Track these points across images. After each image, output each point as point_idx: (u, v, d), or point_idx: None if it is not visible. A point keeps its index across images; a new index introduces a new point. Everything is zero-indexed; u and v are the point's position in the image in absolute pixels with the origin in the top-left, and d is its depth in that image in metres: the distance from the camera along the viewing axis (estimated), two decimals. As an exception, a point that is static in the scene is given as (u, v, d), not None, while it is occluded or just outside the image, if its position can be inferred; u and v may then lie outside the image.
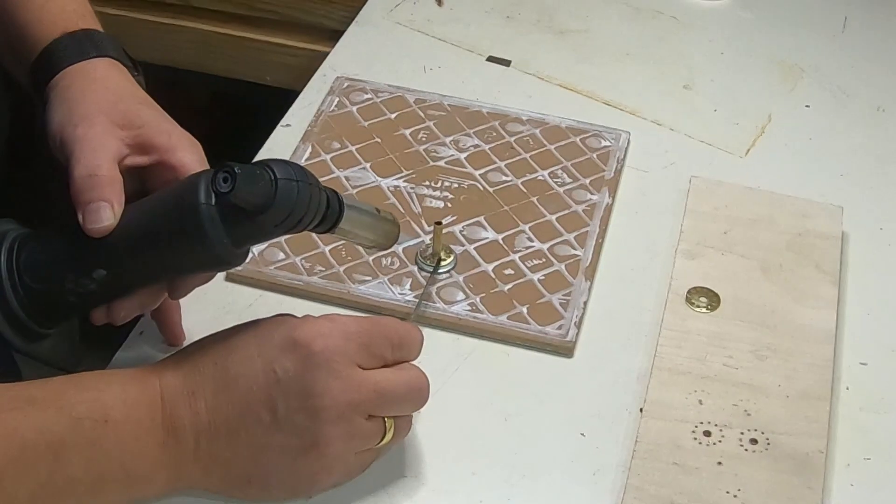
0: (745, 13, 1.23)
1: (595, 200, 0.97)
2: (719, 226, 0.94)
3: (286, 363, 0.68)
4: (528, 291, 0.89)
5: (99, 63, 0.81)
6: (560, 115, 1.06)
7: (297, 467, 0.70)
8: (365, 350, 0.70)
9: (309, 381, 0.68)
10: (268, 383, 0.68)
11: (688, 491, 0.75)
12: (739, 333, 0.85)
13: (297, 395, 0.68)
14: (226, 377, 0.69)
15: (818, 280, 0.90)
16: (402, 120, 1.05)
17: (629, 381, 0.84)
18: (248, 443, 0.69)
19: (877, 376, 0.86)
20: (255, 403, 0.68)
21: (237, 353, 0.70)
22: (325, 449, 0.69)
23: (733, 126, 1.08)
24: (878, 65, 1.16)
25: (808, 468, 0.77)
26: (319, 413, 0.68)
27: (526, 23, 1.19)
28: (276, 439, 0.69)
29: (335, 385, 0.68)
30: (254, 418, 0.68)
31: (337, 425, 0.69)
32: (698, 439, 0.78)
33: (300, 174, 0.69)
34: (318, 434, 0.69)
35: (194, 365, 0.70)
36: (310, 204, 0.70)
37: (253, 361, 0.69)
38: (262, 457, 0.69)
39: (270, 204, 0.67)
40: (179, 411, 0.68)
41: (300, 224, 0.70)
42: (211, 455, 0.69)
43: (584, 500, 0.76)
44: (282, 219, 0.69)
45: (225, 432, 0.69)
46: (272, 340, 0.69)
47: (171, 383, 0.69)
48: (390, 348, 0.71)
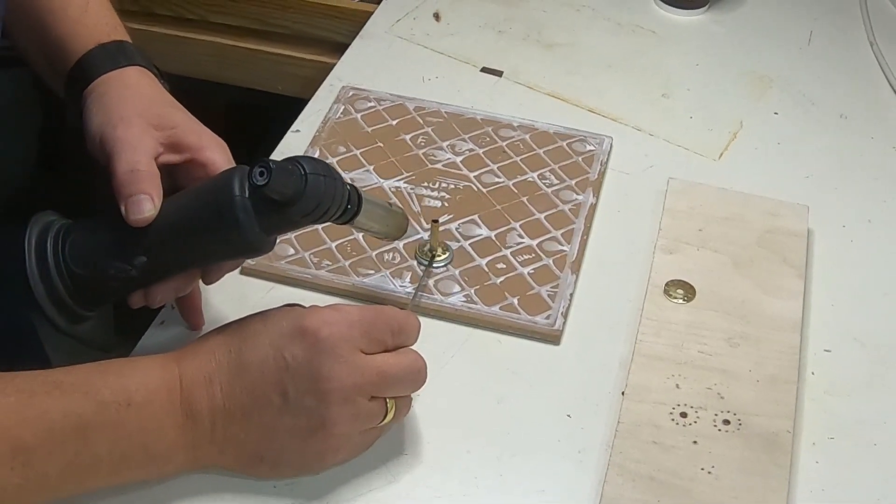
0: (718, 28, 1.23)
1: (580, 200, 0.97)
2: (695, 224, 0.93)
3: (295, 350, 0.68)
4: (518, 284, 0.89)
5: (131, 71, 0.82)
6: (548, 121, 1.06)
7: (305, 447, 0.70)
8: (367, 336, 0.70)
9: (316, 366, 0.68)
10: (278, 369, 0.68)
11: (666, 468, 0.75)
12: (713, 323, 0.85)
13: (305, 379, 0.68)
14: (240, 363, 0.69)
15: (786, 274, 0.89)
16: (403, 126, 1.04)
17: (612, 366, 0.84)
18: (260, 424, 0.69)
19: (840, 362, 0.85)
20: (266, 388, 0.68)
21: (249, 341, 0.70)
22: (332, 429, 0.69)
23: (708, 132, 1.07)
24: (841, 75, 1.16)
25: (776, 447, 0.76)
26: (326, 395, 0.68)
27: (517, 37, 1.19)
28: (286, 421, 0.69)
29: (341, 369, 0.68)
30: (266, 401, 0.68)
31: (343, 406, 0.69)
32: (675, 420, 0.78)
33: (326, 170, 0.70)
34: (325, 415, 0.69)
35: (211, 352, 0.70)
36: (335, 197, 0.71)
37: (264, 349, 0.69)
38: (273, 437, 0.69)
39: (301, 196, 0.69)
40: (197, 395, 0.68)
41: (325, 215, 0.71)
42: (226, 436, 0.69)
43: (571, 476, 0.76)
44: (310, 210, 0.70)
45: (240, 415, 0.69)
46: (282, 329, 0.69)
47: (190, 370, 0.69)
48: (390, 334, 0.71)
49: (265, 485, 0.74)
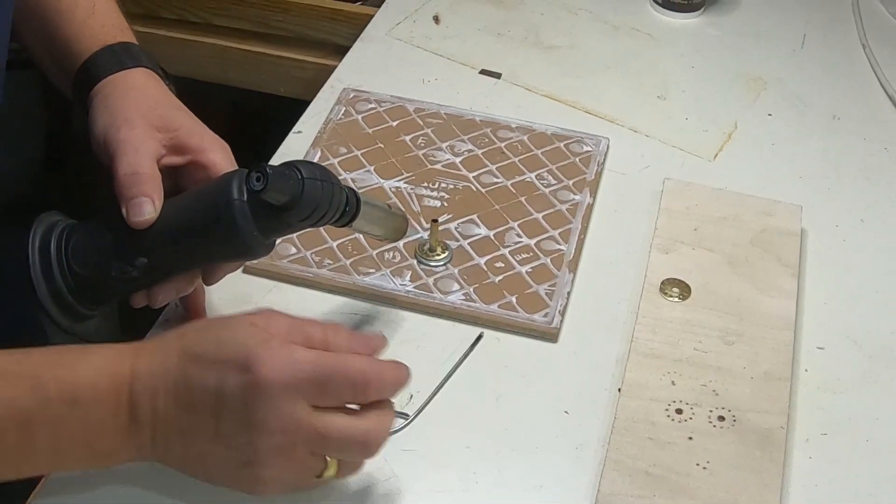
0: (713, 31, 1.23)
1: (577, 200, 0.97)
2: (690, 223, 0.93)
3: (233, 384, 0.63)
4: (516, 283, 0.89)
5: (136, 72, 0.81)
6: (546, 122, 1.05)
7: (238, 477, 0.66)
8: (318, 390, 0.64)
9: (251, 410, 0.63)
10: (217, 398, 0.64)
11: (662, 463, 0.75)
12: (708, 321, 0.85)
13: (238, 416, 0.64)
14: (185, 382, 0.65)
15: (780, 272, 0.89)
16: (403, 127, 1.04)
17: (609, 363, 0.84)
18: (195, 445, 0.66)
19: (833, 359, 0.85)
20: (203, 413, 0.64)
21: (199, 361, 0.65)
22: (260, 470, 0.65)
23: (703, 133, 1.07)
24: (833, 77, 1.16)
25: (770, 443, 0.76)
26: (256, 439, 0.64)
27: (515, 39, 1.19)
28: (218, 450, 0.65)
29: (273, 420, 0.63)
30: (201, 426, 0.65)
31: (273, 454, 0.64)
32: (671, 416, 0.78)
33: (324, 174, 0.70)
34: (254, 456, 0.64)
35: (163, 362, 0.66)
36: (332, 201, 0.70)
37: (209, 373, 0.64)
38: (207, 461, 0.66)
39: (297, 201, 0.68)
40: (142, 404, 0.65)
41: (323, 219, 0.71)
42: (166, 449, 0.66)
43: (568, 471, 0.76)
44: (307, 214, 0.69)
45: (177, 433, 0.65)
46: (231, 355, 0.64)
47: (142, 374, 0.65)
48: (350, 390, 0.65)
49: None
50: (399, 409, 0.79)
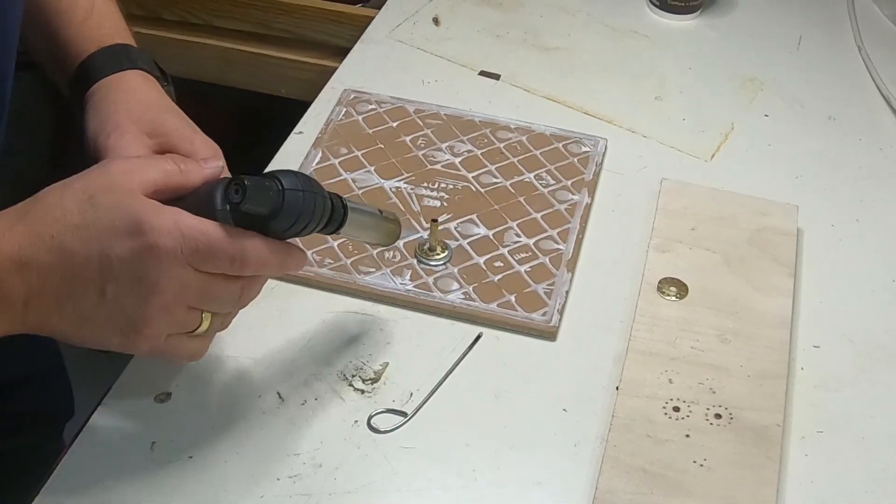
0: (710, 32, 1.23)
1: (576, 200, 0.97)
2: (687, 223, 0.93)
3: (122, 250, 0.64)
4: (515, 282, 0.89)
5: (130, 75, 0.81)
6: (544, 123, 1.05)
7: (114, 336, 0.67)
8: (201, 258, 0.65)
9: (142, 273, 0.64)
10: (101, 268, 0.64)
11: (659, 460, 0.75)
12: (705, 319, 0.85)
13: (127, 282, 0.64)
14: (62, 251, 0.64)
15: (776, 272, 0.89)
16: (403, 128, 1.04)
17: (606, 362, 0.84)
18: (73, 313, 0.65)
19: (829, 358, 0.85)
20: (86, 282, 0.64)
21: (78, 231, 0.64)
22: (143, 329, 0.66)
23: (700, 133, 1.07)
24: (829, 78, 1.16)
25: (766, 440, 0.76)
26: (145, 301, 0.65)
27: (514, 41, 1.19)
28: (99, 314, 0.65)
29: (166, 282, 0.64)
30: (82, 294, 0.65)
31: (159, 313, 0.66)
32: (668, 414, 0.78)
33: (306, 184, 0.69)
34: (139, 317, 0.65)
35: (33, 232, 0.64)
36: (314, 211, 0.69)
37: (91, 243, 0.64)
38: (84, 325, 0.66)
39: (278, 212, 0.67)
40: (10, 279, 0.63)
41: (306, 229, 0.70)
42: (39, 318, 0.65)
43: (567, 468, 0.76)
44: (289, 225, 0.68)
45: (54, 302, 0.65)
46: (114, 224, 0.64)
47: (4, 249, 0.64)
48: (228, 264, 0.66)
49: (266, 473, 0.74)
50: (399, 408, 0.79)
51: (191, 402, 0.79)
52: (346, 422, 0.78)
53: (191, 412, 0.78)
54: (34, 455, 1.13)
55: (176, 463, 0.75)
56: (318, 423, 0.78)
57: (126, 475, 0.74)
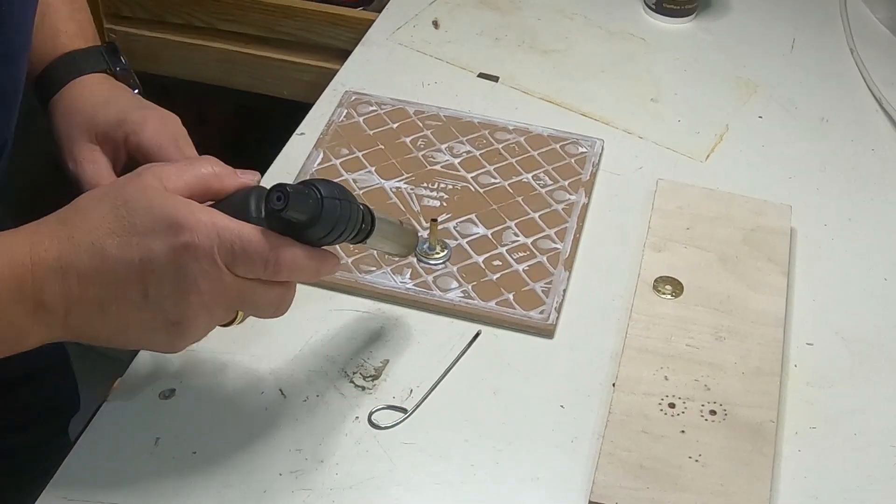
0: (705, 35, 1.23)
1: (573, 200, 0.97)
2: (683, 222, 0.93)
3: (161, 251, 0.63)
4: (514, 280, 0.89)
5: (75, 86, 0.82)
6: (542, 124, 1.05)
7: (158, 338, 0.67)
8: (235, 258, 0.64)
9: (181, 274, 0.64)
10: (143, 270, 0.63)
11: (655, 456, 0.75)
12: (700, 317, 0.85)
13: (168, 282, 0.64)
14: (102, 256, 0.63)
15: (770, 270, 0.89)
16: (403, 129, 1.04)
17: (603, 359, 0.84)
18: (116, 317, 0.65)
19: (821, 355, 0.85)
20: (127, 285, 0.64)
21: (116, 236, 0.64)
22: (185, 329, 0.66)
23: (695, 134, 1.07)
24: (822, 80, 1.16)
25: (760, 436, 0.76)
26: (186, 300, 0.64)
27: (512, 44, 1.19)
28: (143, 316, 0.65)
29: (204, 283, 0.64)
30: (124, 297, 0.64)
31: (199, 312, 0.65)
32: (664, 410, 0.78)
33: (342, 193, 0.68)
34: (181, 317, 0.65)
35: (70, 239, 0.64)
36: (350, 219, 0.69)
37: (130, 247, 0.63)
38: (127, 328, 0.66)
39: (317, 219, 0.67)
40: (50, 286, 0.63)
41: (341, 237, 0.69)
42: (80, 325, 0.65)
43: (564, 464, 0.76)
44: (325, 232, 0.68)
45: (96, 307, 0.64)
46: (151, 225, 0.63)
47: (44, 258, 0.63)
48: (263, 267, 0.65)
49: (269, 468, 0.74)
50: (399, 404, 0.79)
51: (195, 399, 0.79)
52: (347, 418, 0.78)
53: (195, 408, 0.79)
54: (40, 451, 1.13)
55: (180, 458, 0.75)
56: (319, 419, 0.78)
57: (131, 470, 0.74)
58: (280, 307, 0.69)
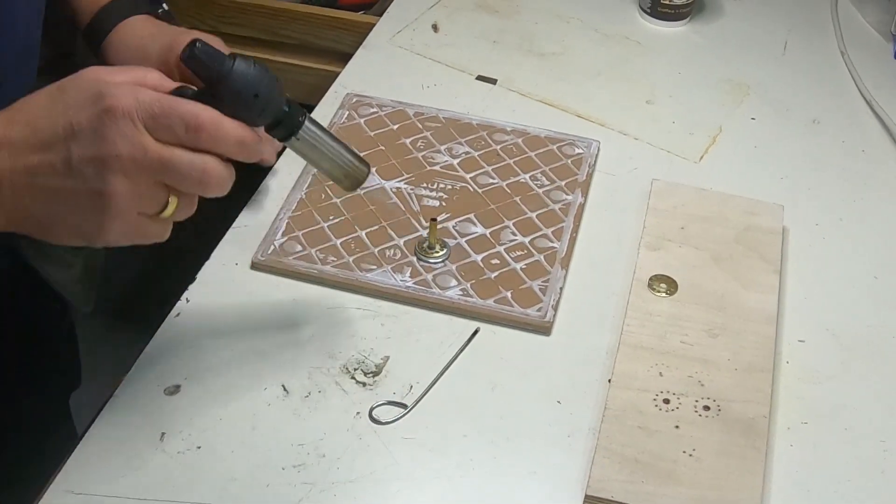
0: (699, 38, 1.23)
1: (569, 200, 0.97)
2: (677, 222, 0.93)
3: (83, 117, 0.64)
4: (512, 278, 0.89)
5: (123, 27, 0.88)
6: (539, 126, 1.05)
7: (85, 215, 0.66)
8: (156, 121, 0.64)
9: (100, 135, 0.64)
10: (65, 135, 0.64)
11: (650, 450, 0.75)
12: (694, 315, 0.85)
13: (88, 145, 0.64)
14: (33, 128, 0.65)
15: (762, 269, 0.89)
16: (403, 130, 1.04)
17: (599, 355, 0.84)
18: (44, 188, 0.65)
19: (813, 352, 0.85)
20: (53, 152, 0.64)
21: (48, 112, 0.65)
22: (109, 199, 0.65)
23: (689, 136, 1.07)
24: (813, 83, 1.16)
25: (753, 431, 0.76)
26: (106, 163, 0.64)
27: (510, 47, 1.19)
28: (67, 184, 0.65)
29: (122, 142, 0.64)
30: (50, 166, 0.65)
31: (122, 179, 0.64)
32: (659, 406, 0.78)
33: (262, 65, 0.67)
34: (103, 183, 0.64)
35: (9, 121, 0.66)
36: (266, 90, 0.67)
37: (57, 117, 0.65)
38: (55, 201, 0.66)
39: (227, 76, 0.65)
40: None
41: (255, 108, 0.67)
42: (14, 200, 0.66)
43: (560, 458, 0.76)
44: (237, 90, 0.66)
45: (27, 176, 0.65)
46: (77, 98, 0.65)
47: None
48: (183, 129, 0.65)
49: (272, 463, 0.74)
50: (399, 400, 0.79)
51: (199, 395, 0.79)
52: (348, 413, 0.78)
53: (199, 404, 0.78)
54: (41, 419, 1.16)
55: (185, 453, 0.75)
56: (321, 414, 0.78)
57: (136, 465, 0.74)
58: (206, 178, 0.66)
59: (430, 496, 0.74)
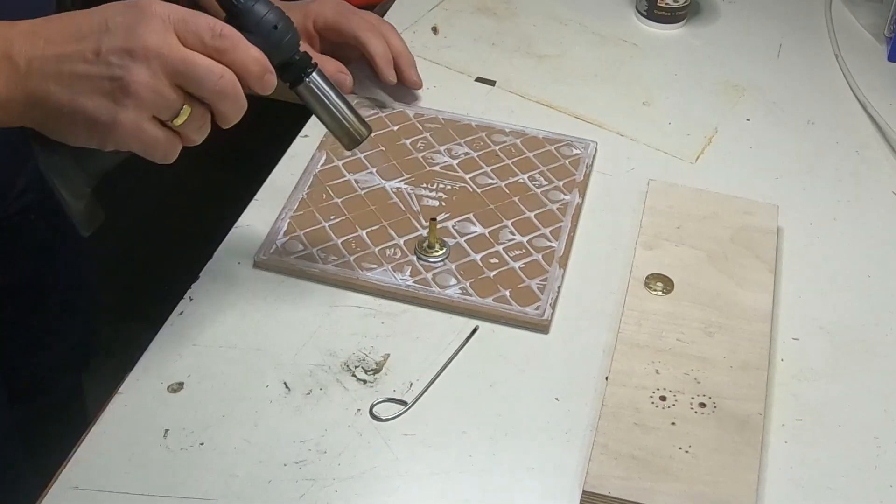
0: (695, 41, 1.23)
1: (567, 200, 0.97)
2: (673, 222, 0.93)
3: (118, 17, 0.69)
4: (510, 277, 0.89)
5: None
6: (537, 127, 1.05)
7: (102, 102, 0.68)
8: (184, 25, 0.69)
9: (131, 29, 0.68)
10: (99, 30, 0.68)
11: (646, 447, 0.75)
12: (690, 313, 0.85)
13: (118, 38, 0.68)
14: (69, 25, 0.69)
15: (757, 268, 0.89)
16: (404, 132, 1.04)
17: (596, 353, 0.84)
18: (70, 73, 0.68)
19: (807, 349, 0.85)
20: (83, 42, 0.68)
21: (86, 14, 0.70)
22: (128, 86, 0.68)
23: (685, 137, 1.07)
24: (808, 84, 1.16)
25: (748, 428, 0.76)
26: (131, 53, 0.67)
27: (508, 49, 1.19)
28: (92, 70, 0.68)
29: (150, 35, 0.68)
30: (79, 54, 0.68)
31: (143, 69, 0.68)
32: (655, 403, 0.78)
33: (282, 11, 0.74)
34: (125, 71, 0.67)
35: (48, 20, 0.70)
36: (281, 21, 0.73)
37: (94, 15, 0.69)
38: (77, 86, 0.68)
39: (250, 8, 0.73)
40: (19, 44, 0.68)
41: (274, 39, 0.73)
42: (37, 82, 0.68)
43: (558, 455, 0.76)
44: (259, 18, 0.73)
45: (54, 62, 0.68)
46: (118, 5, 0.70)
47: (20, 28, 0.69)
48: (209, 34, 0.69)
49: (274, 459, 0.74)
50: (399, 397, 0.79)
51: (202, 392, 0.79)
52: (349, 410, 0.78)
53: (202, 401, 0.78)
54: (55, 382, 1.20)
55: (188, 449, 0.75)
56: (322, 411, 0.78)
57: (140, 461, 0.74)
58: (221, 85, 0.70)
59: (429, 492, 0.74)
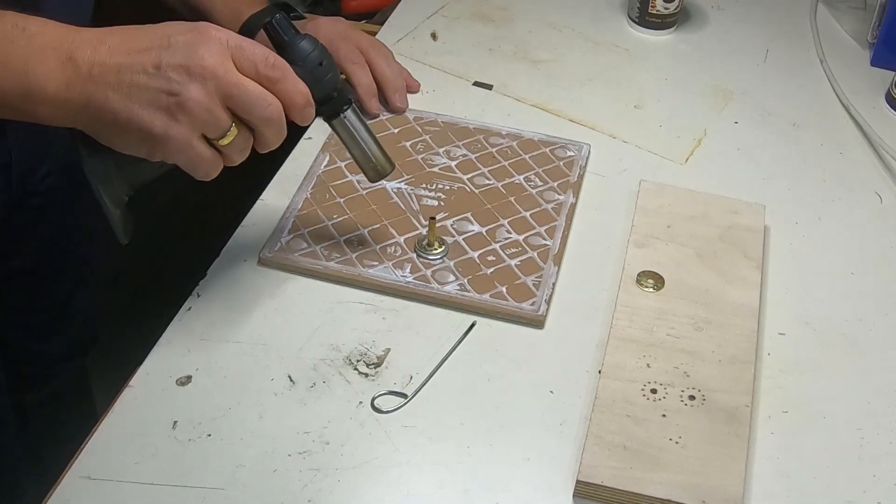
0: (685, 46, 1.23)
1: (562, 200, 0.97)
2: (664, 221, 0.93)
3: (180, 36, 0.70)
4: (507, 274, 0.88)
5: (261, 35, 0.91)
6: (533, 129, 1.05)
7: (157, 114, 0.70)
8: (239, 52, 0.71)
9: (192, 49, 0.70)
10: (161, 45, 0.70)
11: (638, 438, 0.75)
12: (680, 309, 0.85)
13: (179, 56, 0.69)
14: (132, 37, 0.71)
15: (745, 265, 0.89)
16: (403, 134, 1.04)
17: (590, 348, 0.84)
18: (129, 83, 0.69)
19: (793, 344, 0.85)
20: (145, 55, 0.69)
21: (149, 29, 0.71)
22: (183, 102, 0.69)
23: (675, 139, 1.07)
24: (793, 88, 1.16)
25: (736, 419, 0.76)
26: (189, 71, 0.69)
27: (505, 54, 1.19)
28: (150, 83, 0.69)
29: (210, 57, 0.70)
30: (139, 66, 0.69)
31: (198, 88, 0.69)
32: (646, 396, 0.78)
33: (326, 49, 0.78)
34: (182, 87, 0.69)
35: (112, 30, 0.71)
36: (325, 59, 0.77)
37: (158, 31, 0.71)
38: (134, 95, 0.70)
39: (297, 44, 0.77)
40: (84, 49, 0.69)
41: (319, 74, 0.77)
42: (97, 88, 0.69)
43: (553, 446, 0.76)
44: (308, 52, 0.77)
45: (115, 72, 0.69)
46: (180, 26, 0.71)
47: (86, 36, 0.70)
48: (263, 63, 0.72)
49: (279, 450, 0.74)
50: (400, 390, 0.79)
51: (210, 385, 0.79)
52: (351, 402, 0.78)
53: (210, 394, 0.78)
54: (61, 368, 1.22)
55: (196, 441, 0.75)
56: (325, 403, 0.78)
57: (150, 452, 0.74)
58: (269, 112, 0.73)
59: (429, 481, 0.74)
